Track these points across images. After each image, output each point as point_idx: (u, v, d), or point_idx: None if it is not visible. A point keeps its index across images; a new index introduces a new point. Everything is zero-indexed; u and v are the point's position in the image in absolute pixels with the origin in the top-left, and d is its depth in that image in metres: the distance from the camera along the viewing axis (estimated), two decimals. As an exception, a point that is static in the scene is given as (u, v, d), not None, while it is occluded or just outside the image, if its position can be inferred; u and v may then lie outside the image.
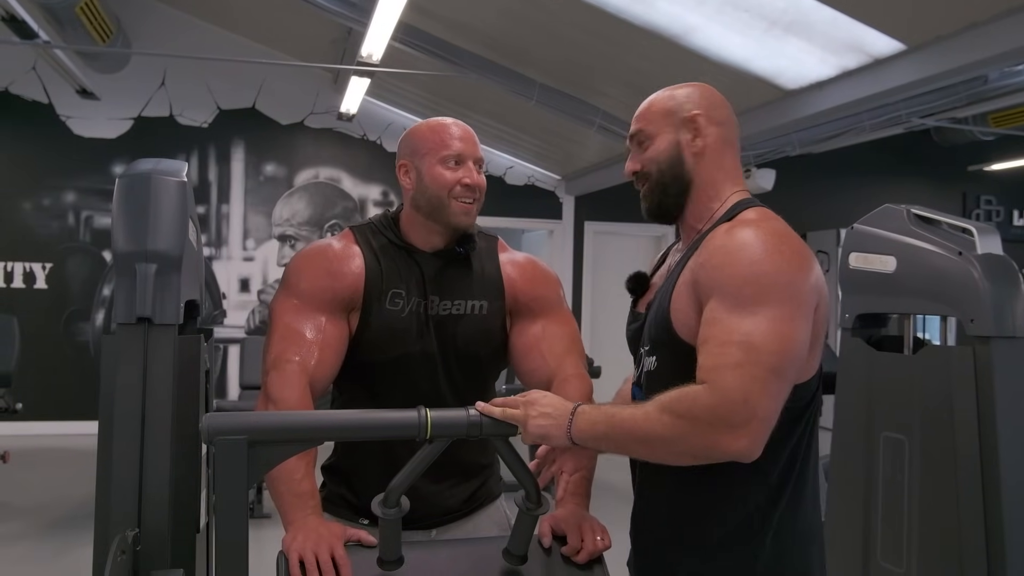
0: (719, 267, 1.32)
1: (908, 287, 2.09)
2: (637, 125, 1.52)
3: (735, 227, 1.37)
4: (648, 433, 1.26)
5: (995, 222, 9.36)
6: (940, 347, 1.95)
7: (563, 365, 1.72)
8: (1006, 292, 1.90)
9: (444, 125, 1.73)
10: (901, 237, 2.10)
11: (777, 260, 1.29)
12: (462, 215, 1.70)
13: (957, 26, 3.65)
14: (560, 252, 8.59)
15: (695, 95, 1.49)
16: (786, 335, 1.25)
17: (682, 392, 1.24)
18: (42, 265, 7.51)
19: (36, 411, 6.52)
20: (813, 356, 1.36)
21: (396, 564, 1.42)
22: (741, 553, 1.39)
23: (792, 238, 1.35)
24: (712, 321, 1.28)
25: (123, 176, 1.46)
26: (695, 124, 1.46)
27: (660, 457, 1.32)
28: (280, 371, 1.59)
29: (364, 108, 7.54)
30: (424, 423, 1.32)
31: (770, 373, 1.22)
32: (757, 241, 1.32)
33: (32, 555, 4.31)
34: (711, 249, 1.36)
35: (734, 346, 1.23)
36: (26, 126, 7.48)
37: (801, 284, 1.29)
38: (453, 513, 1.77)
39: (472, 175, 1.70)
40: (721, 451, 1.22)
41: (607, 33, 4.79)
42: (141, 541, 1.34)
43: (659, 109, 1.49)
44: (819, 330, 1.34)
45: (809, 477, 1.43)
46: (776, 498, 1.38)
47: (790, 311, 1.26)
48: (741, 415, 1.19)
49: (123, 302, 1.39)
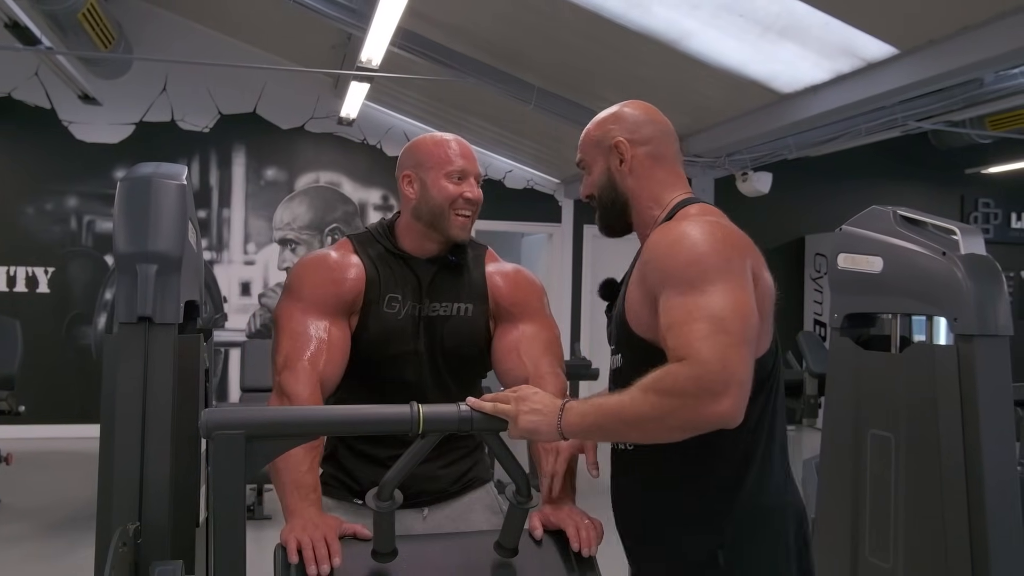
0: (661, 259, 1.42)
1: (894, 287, 2.12)
2: (578, 155, 1.67)
3: (670, 223, 1.48)
4: (637, 415, 1.31)
5: (993, 225, 9.40)
6: (924, 345, 1.98)
7: (538, 366, 1.79)
8: (989, 291, 1.93)
9: (447, 141, 1.84)
10: (887, 238, 2.13)
11: (711, 242, 1.39)
12: (459, 229, 1.81)
13: (950, 30, 3.68)
14: (559, 255, 8.62)
15: (618, 121, 1.61)
16: (740, 304, 1.33)
17: (663, 371, 1.30)
18: (44, 269, 7.55)
19: (39, 414, 6.55)
20: (764, 333, 1.44)
21: (390, 556, 1.46)
22: (713, 524, 1.46)
23: (724, 226, 1.45)
24: (669, 308, 1.36)
25: (124, 179, 1.50)
26: (619, 150, 1.58)
27: (652, 436, 1.37)
28: (292, 369, 1.67)
29: (364, 113, 7.58)
30: (416, 418, 1.35)
31: (738, 339, 1.29)
32: (691, 229, 1.42)
33: (35, 556, 4.34)
34: (651, 246, 1.46)
35: (699, 321, 1.30)
36: (29, 131, 7.52)
37: (736, 261, 1.39)
38: (445, 491, 1.85)
39: (473, 189, 1.82)
40: (708, 419, 1.27)
41: (604, 38, 4.83)
42: (142, 534, 1.38)
43: (590, 140, 1.64)
44: (763, 310, 1.42)
45: (775, 452, 1.50)
46: (744, 471, 1.46)
47: (736, 283, 1.35)
48: (722, 381, 1.26)
49: (124, 302, 1.43)
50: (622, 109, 1.64)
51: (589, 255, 8.64)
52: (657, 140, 1.60)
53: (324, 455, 1.86)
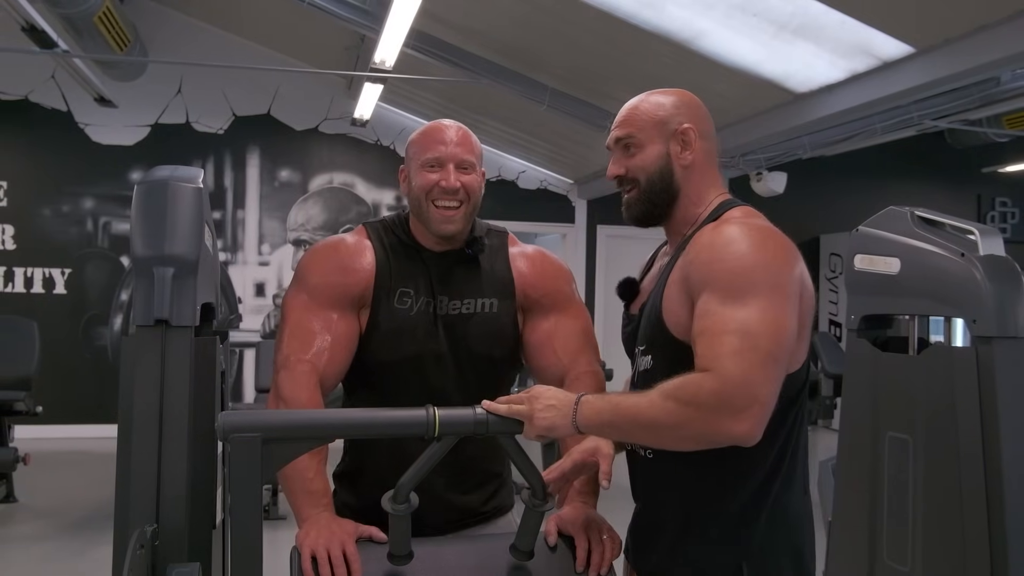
0: (708, 263, 1.36)
1: (912, 288, 2.10)
2: (626, 130, 1.52)
3: (721, 225, 1.42)
4: (652, 420, 1.29)
5: (1011, 224, 9.32)
6: (943, 347, 1.97)
7: (576, 362, 1.72)
8: (1008, 293, 1.91)
9: (433, 128, 1.74)
10: (905, 239, 2.10)
11: (763, 253, 1.35)
12: (442, 222, 1.69)
13: (966, 28, 3.66)
14: (573, 256, 8.61)
15: (684, 106, 1.51)
16: (778, 323, 1.30)
17: (685, 379, 1.28)
18: (61, 271, 7.61)
19: (55, 414, 6.59)
20: (800, 346, 1.41)
21: (406, 559, 1.46)
22: (739, 536, 1.44)
23: (775, 234, 1.40)
24: (706, 314, 1.32)
25: (141, 183, 1.50)
26: (686, 137, 1.49)
27: (664, 443, 1.36)
28: (290, 370, 1.63)
29: (377, 114, 7.60)
30: (432, 421, 1.35)
31: (767, 359, 1.26)
32: (743, 236, 1.37)
33: (53, 555, 4.37)
34: (699, 247, 1.40)
35: (731, 335, 1.27)
36: (45, 134, 7.58)
37: (786, 275, 1.35)
38: (466, 520, 1.76)
39: (449, 178, 1.67)
40: (724, 435, 1.25)
41: (617, 38, 4.82)
42: (159, 536, 1.38)
43: (649, 118, 1.51)
44: (803, 321, 1.39)
45: (799, 464, 1.48)
46: (771, 483, 1.44)
47: (779, 300, 1.31)
48: (743, 399, 1.23)
49: (141, 305, 1.43)
50: (686, 95, 1.53)
51: (603, 255, 8.63)
52: (714, 138, 1.54)
53: (338, 473, 1.80)
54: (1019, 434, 1.82)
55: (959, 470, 1.86)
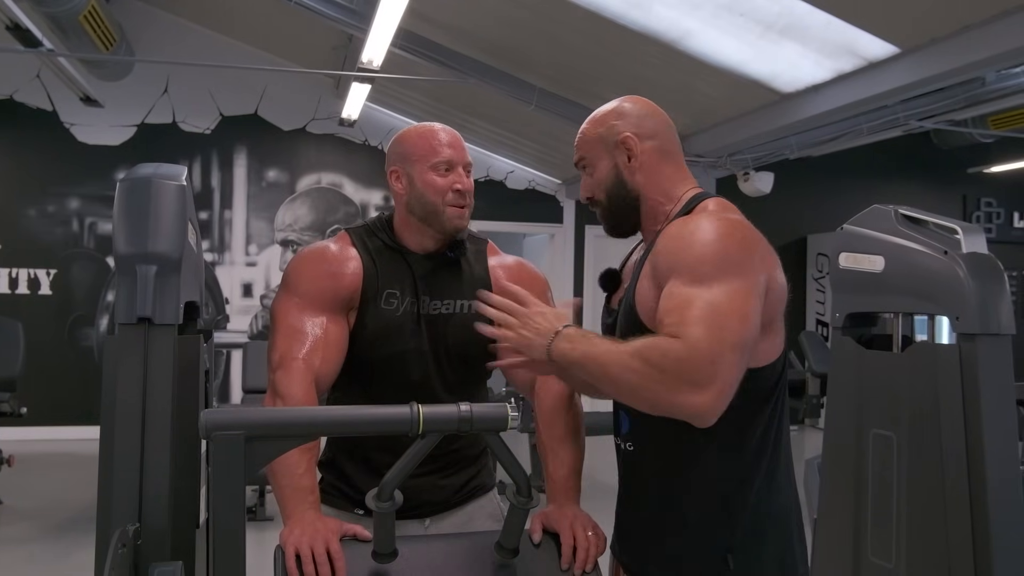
0: (675, 251, 1.38)
1: (896, 286, 2.11)
2: (579, 154, 1.58)
3: (690, 217, 1.45)
4: (617, 374, 1.30)
5: (996, 224, 9.38)
6: (926, 345, 1.98)
7: None
8: (991, 290, 1.92)
9: (433, 131, 1.77)
10: (889, 237, 2.12)
11: (729, 241, 1.36)
12: (456, 219, 1.75)
13: (951, 28, 3.68)
14: (561, 256, 8.62)
15: (622, 115, 1.54)
16: (743, 311, 1.30)
17: (656, 340, 1.28)
18: (47, 271, 7.56)
19: (40, 416, 6.55)
20: (775, 339, 1.42)
21: (390, 557, 1.46)
22: (723, 529, 1.44)
23: (744, 226, 1.41)
24: (671, 295, 1.33)
25: (124, 180, 1.49)
26: (627, 145, 1.52)
27: (623, 397, 1.37)
28: (287, 368, 1.64)
29: (365, 114, 7.58)
30: (416, 418, 1.35)
31: (736, 343, 1.27)
32: (710, 226, 1.38)
33: (38, 557, 4.35)
34: (667, 238, 1.43)
35: (697, 308, 1.27)
36: (30, 133, 7.53)
37: (752, 264, 1.35)
38: (447, 502, 1.82)
39: (463, 180, 1.75)
40: (680, 405, 1.25)
41: (605, 38, 4.83)
42: (142, 535, 1.37)
43: (592, 138, 1.56)
44: (774, 315, 1.39)
45: (781, 460, 1.48)
46: (753, 477, 1.44)
47: (744, 288, 1.31)
48: (706, 374, 1.23)
49: (124, 302, 1.42)
50: (622, 104, 1.57)
51: (591, 255, 8.63)
52: (662, 134, 1.55)
53: (323, 460, 1.84)
54: (1002, 430, 1.83)
55: (943, 466, 1.87)
